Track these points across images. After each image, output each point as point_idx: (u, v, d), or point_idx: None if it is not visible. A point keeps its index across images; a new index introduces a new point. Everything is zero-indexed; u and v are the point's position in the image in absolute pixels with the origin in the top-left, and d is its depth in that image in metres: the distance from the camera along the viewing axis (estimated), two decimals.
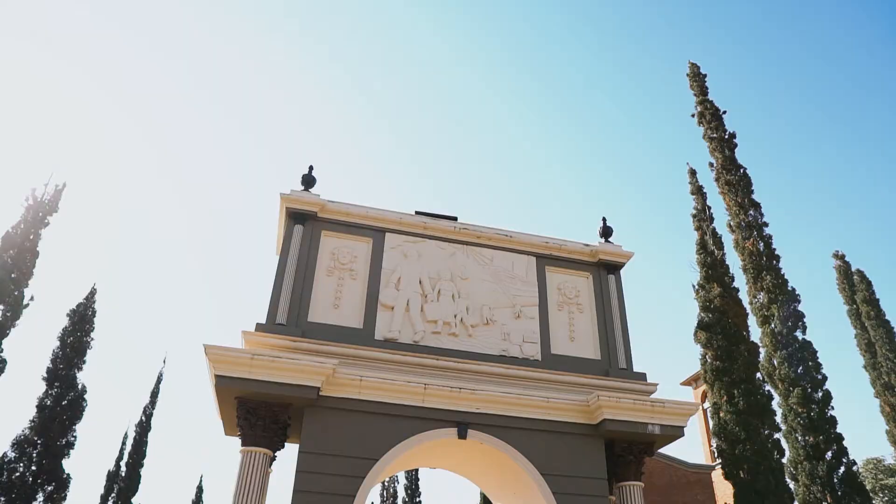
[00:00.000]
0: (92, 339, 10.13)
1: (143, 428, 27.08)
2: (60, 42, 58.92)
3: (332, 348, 10.19)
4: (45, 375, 9.60)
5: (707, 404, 37.03)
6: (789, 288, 13.87)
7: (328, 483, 9.29)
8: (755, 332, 13.83)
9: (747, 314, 13.84)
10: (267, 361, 9.48)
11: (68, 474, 9.22)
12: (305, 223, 11.36)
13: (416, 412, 9.96)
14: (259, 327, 10.27)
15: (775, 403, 12.79)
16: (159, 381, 28.49)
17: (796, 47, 62.09)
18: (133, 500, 25.96)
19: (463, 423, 10.01)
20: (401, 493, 40.28)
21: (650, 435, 10.52)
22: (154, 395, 27.94)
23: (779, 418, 12.52)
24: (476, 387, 10.20)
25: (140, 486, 26.32)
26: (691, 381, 39.41)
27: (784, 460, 11.93)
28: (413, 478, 40.09)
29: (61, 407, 9.43)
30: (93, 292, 10.42)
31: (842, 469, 11.88)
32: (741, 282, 14.60)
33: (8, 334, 9.45)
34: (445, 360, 10.53)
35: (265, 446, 9.55)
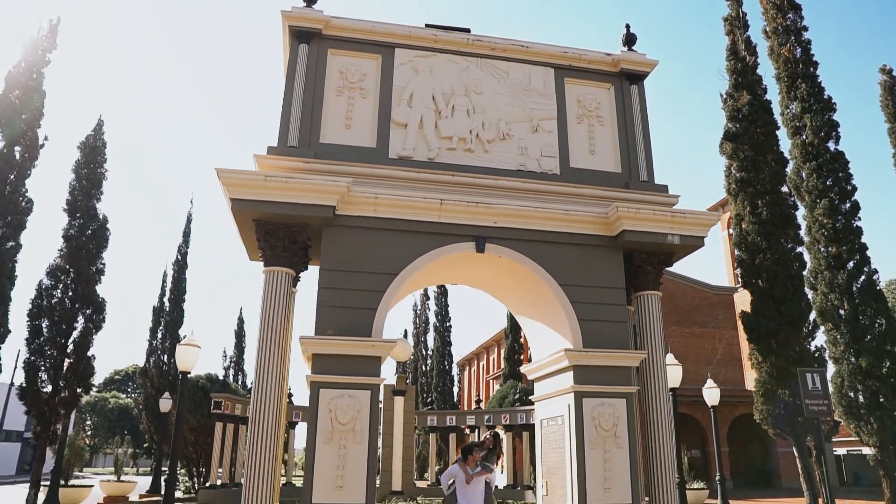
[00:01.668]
0: (106, 170, 10.12)
1: (180, 266, 28.22)
2: None
3: (345, 168, 10.04)
4: (66, 207, 9.69)
5: (732, 230, 37.20)
6: (825, 97, 13.10)
7: (350, 298, 9.55)
8: (784, 145, 13.32)
9: (777, 125, 13.22)
10: (280, 182, 9.41)
11: (103, 299, 9.61)
12: (310, 42, 10.78)
13: (433, 228, 9.98)
14: (271, 150, 10.10)
15: (800, 217, 12.55)
16: (189, 220, 29.22)
17: None
18: (179, 332, 27.70)
19: (480, 237, 10.04)
20: (432, 319, 42.48)
21: (670, 245, 10.49)
22: (186, 234, 28.80)
23: (802, 233, 12.34)
24: (493, 201, 10.10)
25: (184, 319, 27.95)
26: (718, 207, 39.30)
27: (804, 273, 11.91)
28: (443, 304, 41.97)
29: (86, 237, 9.62)
30: (100, 124, 10.27)
31: (862, 278, 11.84)
32: (773, 94, 13.84)
33: (29, 175, 9.42)
34: (461, 176, 10.36)
35: (286, 266, 9.73)
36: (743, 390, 32.91)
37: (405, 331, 49.66)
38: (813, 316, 11.30)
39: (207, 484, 20.29)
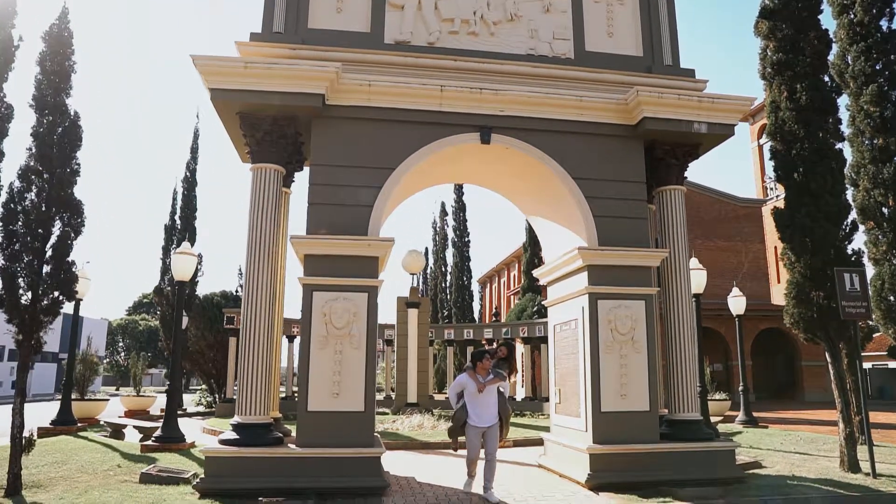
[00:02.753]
0: (74, 62, 9.27)
1: (190, 183, 27.69)
2: None
3: (336, 54, 9.08)
4: (32, 103, 8.91)
5: (761, 140, 35.44)
6: None
7: (344, 195, 8.80)
8: (828, 27, 11.95)
9: (821, 4, 11.78)
10: (262, 69, 8.52)
11: (80, 201, 8.96)
12: None
13: (434, 117, 9.08)
14: (254, 37, 9.15)
15: (843, 106, 11.29)
16: (196, 136, 28.47)
17: None
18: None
19: (486, 128, 9.13)
20: (450, 235, 41.95)
21: (696, 135, 9.50)
22: (194, 150, 28.12)
23: (844, 125, 11.15)
24: (499, 87, 9.13)
25: (196, 236, 27.65)
26: (748, 117, 37.45)
27: (846, 170, 10.83)
28: (461, 219, 41.29)
29: (57, 135, 8.86)
30: (65, 12, 9.35)
31: None
32: None
33: (6, 79, 8.57)
34: (464, 61, 9.35)
35: (275, 162, 8.97)
36: (768, 304, 32.16)
37: (426, 248, 49.34)
38: (852, 217, 10.29)
39: (226, 398, 20.42)
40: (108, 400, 17.26)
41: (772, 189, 36.18)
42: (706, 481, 8.26)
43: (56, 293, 8.60)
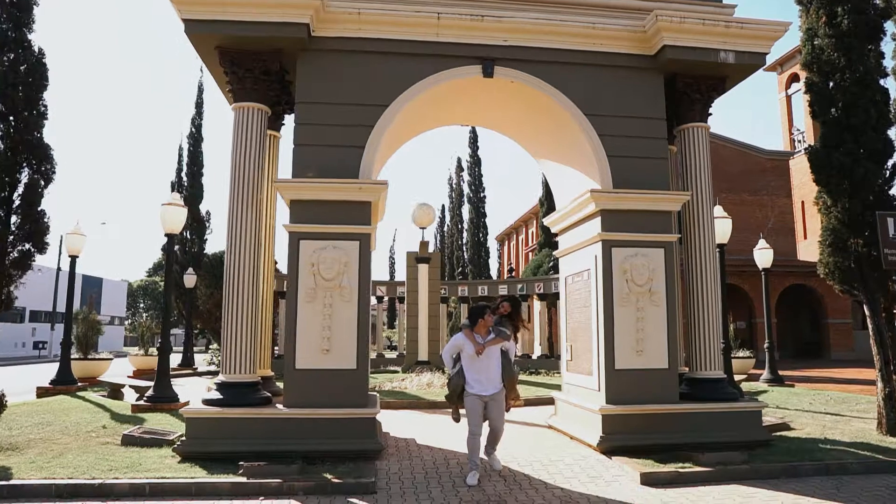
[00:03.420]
0: None
1: (195, 139, 27.05)
2: None
3: None
4: None
5: (797, 83, 33.73)
6: None
7: (333, 135, 8.04)
8: None
9: None
10: None
11: (48, 145, 8.32)
12: None
13: (430, 48, 8.23)
14: None
15: (889, 32, 10.11)
16: (200, 91, 27.76)
17: None
18: (199, 206, 26.96)
19: (488, 59, 8.27)
20: (465, 191, 41.01)
21: (722, 66, 8.55)
22: (199, 105, 27.39)
23: (888, 58, 10.04)
24: (503, 14, 8.22)
25: (203, 193, 27.11)
26: (776, 66, 35.74)
27: (890, 104, 9.77)
28: (476, 174, 40.31)
29: (20, 74, 8.17)
30: None
31: None
32: None
33: None
34: None
35: (259, 101, 8.21)
36: (794, 260, 31.07)
37: (442, 206, 48.52)
38: None
39: None
40: (111, 359, 16.91)
41: (800, 142, 34.73)
42: (729, 444, 7.55)
43: (26, 245, 8.04)
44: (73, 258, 13.66)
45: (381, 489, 6.36)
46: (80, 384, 13.96)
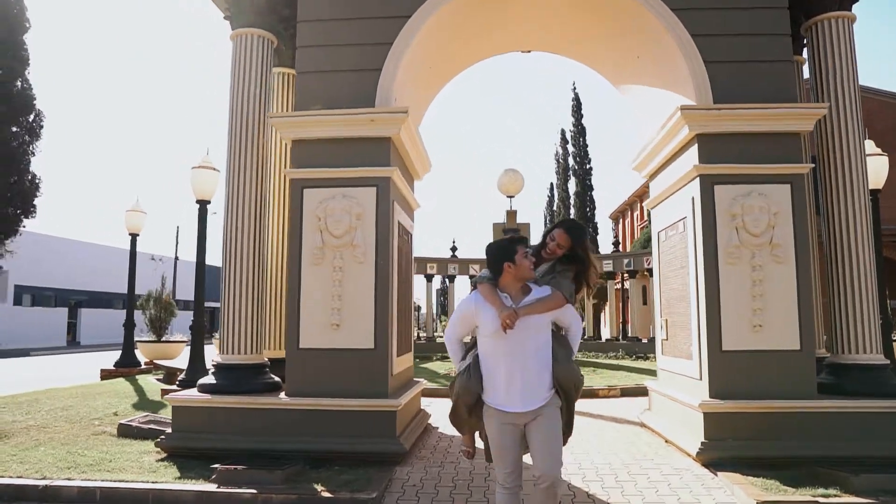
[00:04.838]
0: None
1: None
2: None
3: None
4: None
5: None
6: None
7: (343, 57, 6.43)
8: None
9: None
10: None
11: (32, 95, 7.34)
12: None
13: None
14: None
15: None
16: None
17: None
18: None
19: None
20: (570, 163, 38.30)
21: None
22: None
23: None
24: None
25: None
26: None
27: None
28: (581, 145, 37.51)
29: None
30: None
31: None
32: None
33: None
34: None
35: (260, 27, 6.76)
36: None
37: (551, 183, 45.87)
38: None
39: None
40: (185, 342, 16.38)
41: None
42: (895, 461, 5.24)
43: (11, 208, 7.05)
44: (134, 236, 13.03)
45: None
46: (143, 367, 13.40)
